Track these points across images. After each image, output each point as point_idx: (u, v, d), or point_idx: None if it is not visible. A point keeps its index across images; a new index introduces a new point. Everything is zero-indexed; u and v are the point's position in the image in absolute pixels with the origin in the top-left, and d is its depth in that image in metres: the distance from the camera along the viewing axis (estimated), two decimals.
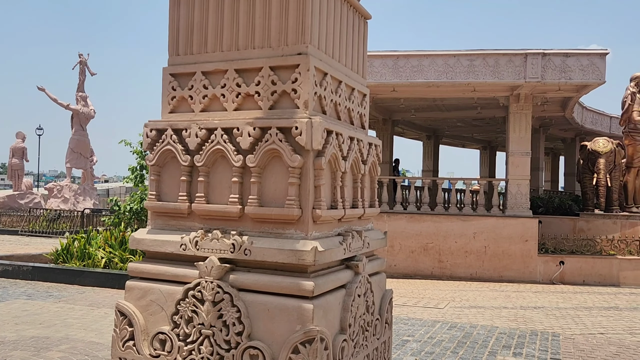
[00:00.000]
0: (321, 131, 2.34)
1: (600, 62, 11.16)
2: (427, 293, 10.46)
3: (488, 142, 25.97)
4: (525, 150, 12.67)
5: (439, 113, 17.61)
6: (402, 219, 13.13)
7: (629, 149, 14.50)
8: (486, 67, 11.68)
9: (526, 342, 6.68)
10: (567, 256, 12.20)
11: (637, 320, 8.14)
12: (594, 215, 13.93)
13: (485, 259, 12.52)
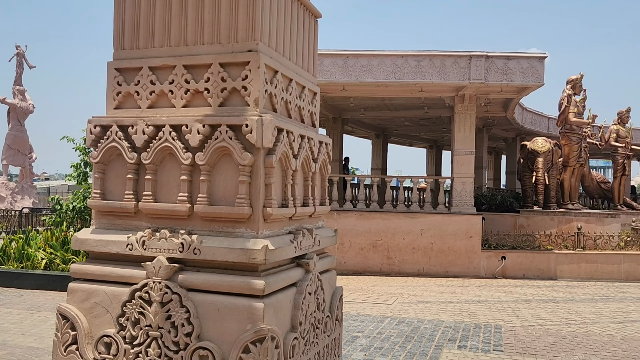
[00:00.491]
0: (272, 129, 2.33)
1: (539, 65, 11.67)
2: (376, 289, 10.62)
3: (434, 141, 26.65)
4: (470, 149, 13.09)
5: (387, 112, 17.92)
6: (352, 217, 13.28)
7: (565, 148, 15.24)
8: (433, 68, 11.98)
9: (470, 335, 6.91)
10: (509, 251, 12.70)
11: (572, 311, 8.58)
12: (533, 211, 14.56)
13: (432, 255, 12.84)
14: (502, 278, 12.40)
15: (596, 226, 13.61)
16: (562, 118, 14.83)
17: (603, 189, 21.49)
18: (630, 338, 6.90)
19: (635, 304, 9.27)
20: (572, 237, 12.89)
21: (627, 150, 20.42)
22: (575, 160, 15.28)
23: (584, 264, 12.36)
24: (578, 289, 10.92)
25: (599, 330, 7.31)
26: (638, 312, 8.55)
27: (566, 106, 14.58)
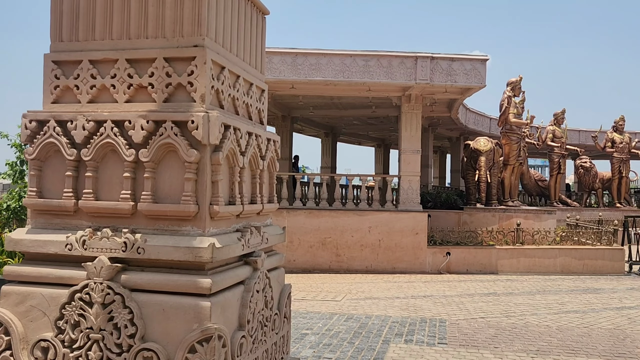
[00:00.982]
0: (218, 125, 2.30)
1: (481, 67, 12.07)
2: (325, 286, 10.69)
3: (382, 140, 27.07)
4: (416, 148, 13.37)
5: (336, 111, 18.04)
6: (301, 215, 13.29)
7: (506, 148, 15.85)
8: (380, 68, 12.16)
9: (416, 329, 7.07)
10: (453, 247, 13.07)
11: (512, 304, 8.94)
12: (476, 208, 15.06)
13: (380, 251, 13.04)
14: (447, 273, 12.75)
15: (534, 222, 14.24)
16: (502, 119, 15.41)
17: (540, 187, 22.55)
18: (564, 328, 7.26)
19: (569, 296, 9.77)
20: (512, 233, 13.42)
21: (563, 150, 21.52)
22: (515, 159, 15.92)
23: (522, 259, 12.89)
24: (517, 283, 11.38)
25: (536, 321, 7.65)
26: (572, 304, 9.02)
27: (506, 107, 15.16)
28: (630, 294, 10.01)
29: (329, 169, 22.94)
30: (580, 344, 6.43)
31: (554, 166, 21.59)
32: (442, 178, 30.43)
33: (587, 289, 10.54)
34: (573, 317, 7.93)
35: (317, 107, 17.43)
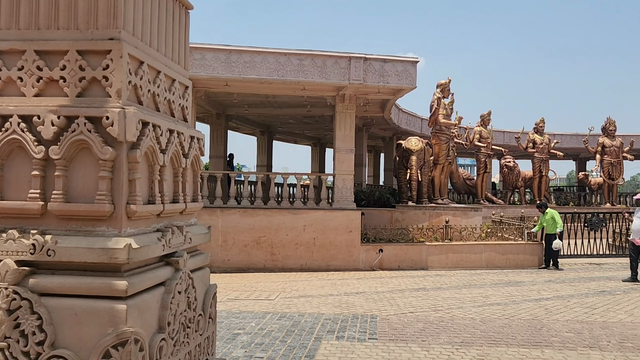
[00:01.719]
0: (135, 122, 2.22)
1: (412, 68, 12.42)
2: (260, 286, 10.63)
3: (318, 139, 27.25)
4: (350, 147, 13.56)
5: (271, 109, 17.97)
6: (236, 214, 13.14)
7: (436, 147, 16.40)
8: (315, 67, 12.22)
9: (348, 326, 7.17)
10: (385, 244, 13.37)
11: (440, 298, 9.26)
12: (407, 206, 15.48)
13: (315, 249, 13.13)
14: (380, 270, 13.03)
15: (462, 219, 14.82)
16: (432, 119, 15.92)
17: (468, 185, 23.50)
18: (487, 319, 7.61)
19: (492, 289, 10.25)
20: (441, 230, 13.91)
21: (489, 150, 22.55)
22: (445, 158, 16.49)
23: (451, 254, 13.39)
24: (446, 278, 11.81)
25: (462, 314, 7.97)
26: (495, 296, 9.47)
27: (436, 108, 15.68)
28: (548, 286, 10.64)
29: (265, 168, 22.83)
30: (502, 334, 6.76)
31: (480, 165, 22.58)
32: (376, 177, 31.05)
33: (509, 282, 11.10)
34: (496, 309, 8.33)
35: (252, 105, 17.28)
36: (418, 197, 16.00)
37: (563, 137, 27.58)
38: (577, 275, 12.28)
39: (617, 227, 16.53)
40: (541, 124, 23.83)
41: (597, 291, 10.05)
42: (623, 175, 24.64)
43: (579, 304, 8.81)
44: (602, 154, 23.60)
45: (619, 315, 7.95)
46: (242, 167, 69.85)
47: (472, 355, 5.85)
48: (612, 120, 23.80)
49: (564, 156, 28.31)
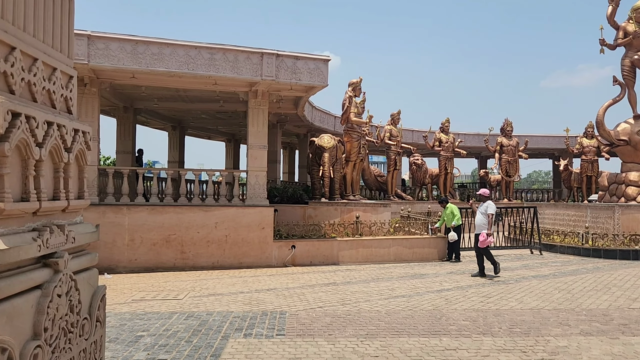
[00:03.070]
0: (4, 112, 2.05)
1: (324, 67, 12.56)
2: (168, 285, 10.30)
3: (233, 135, 26.87)
4: (263, 143, 13.49)
5: (183, 104, 17.46)
6: (144, 211, 12.64)
7: (348, 145, 16.74)
8: (226, 62, 12.01)
9: (257, 323, 7.14)
10: (298, 240, 13.46)
11: (348, 292, 9.47)
12: (320, 203, 15.68)
13: (227, 247, 12.94)
14: (292, 266, 13.09)
15: (372, 215, 15.26)
16: (344, 117, 16.23)
17: (379, 182, 24.25)
18: (392, 311, 7.89)
19: (399, 282, 10.65)
20: (352, 226, 14.23)
21: (398, 148, 23.41)
22: (356, 155, 16.88)
23: (361, 249, 13.75)
24: (355, 272, 12.10)
25: (368, 307, 8.20)
26: (401, 289, 9.84)
27: (348, 106, 16.00)
28: (449, 278, 11.23)
29: (177, 164, 22.16)
30: (404, 325, 7.04)
31: (391, 163, 23.39)
32: (291, 173, 31.17)
33: (414, 275, 11.58)
34: (400, 301, 8.65)
35: (162, 99, 16.69)
36: (330, 193, 16.26)
37: (466, 136, 29.24)
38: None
39: (512, 221, 17.79)
40: (447, 123, 25.10)
41: (493, 281, 10.75)
42: (519, 173, 26.56)
43: (476, 293, 9.37)
44: (501, 153, 25.29)
45: (511, 303, 8.56)
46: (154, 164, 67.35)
47: (376, 346, 6.04)
48: (510, 122, 25.55)
49: (467, 154, 30.07)
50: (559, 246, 15.79)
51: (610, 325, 7.03)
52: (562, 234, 16.33)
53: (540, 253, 15.50)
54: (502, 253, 15.69)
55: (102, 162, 35.36)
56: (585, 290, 9.60)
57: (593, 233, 15.13)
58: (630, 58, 17.10)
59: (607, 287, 9.93)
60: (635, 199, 16.47)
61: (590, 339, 6.36)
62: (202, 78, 12.31)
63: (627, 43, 16.96)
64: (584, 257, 14.66)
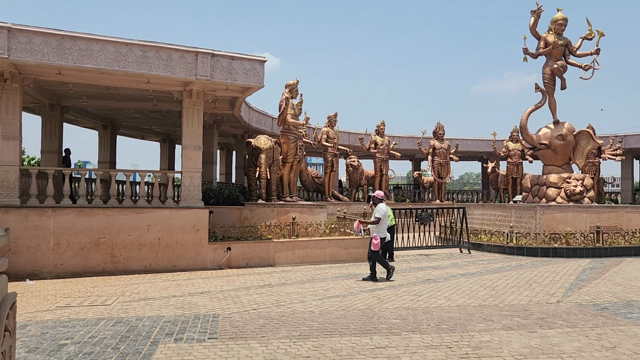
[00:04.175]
0: None
1: (260, 67, 12.52)
2: (96, 291, 9.93)
3: (168, 135, 26.23)
4: (198, 144, 13.26)
5: (114, 102, 16.85)
6: (71, 214, 12.10)
7: (285, 146, 16.77)
8: (159, 60, 11.72)
9: (189, 327, 7.03)
10: (234, 242, 13.34)
11: (283, 294, 9.50)
12: (256, 204, 15.60)
13: (160, 250, 12.63)
14: (228, 268, 12.96)
15: (308, 216, 15.36)
16: (281, 118, 16.25)
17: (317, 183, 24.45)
18: (326, 312, 8.00)
19: (334, 282, 10.79)
20: (288, 227, 14.28)
21: (335, 150, 23.70)
22: (293, 157, 16.94)
23: (297, 250, 13.81)
24: (291, 273, 12.15)
25: (302, 308, 8.27)
26: (335, 289, 9.98)
27: (284, 108, 16.03)
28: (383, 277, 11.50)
29: (108, 164, 21.36)
30: (337, 325, 7.15)
31: (327, 164, 23.65)
32: (228, 175, 30.82)
33: (349, 275, 11.77)
34: (334, 302, 8.78)
35: (91, 96, 16.04)
36: (267, 194, 16.22)
37: (401, 139, 30.05)
38: (408, 265, 13.47)
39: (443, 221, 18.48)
40: (382, 126, 25.69)
41: (424, 280, 11.13)
42: (450, 175, 27.59)
43: (407, 292, 9.67)
44: (433, 155, 26.17)
45: (439, 300, 8.89)
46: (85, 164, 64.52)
47: (308, 347, 6.11)
48: (441, 125, 26.51)
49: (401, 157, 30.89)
50: (486, 245, 16.56)
51: (530, 320, 7.46)
52: (489, 233, 17.13)
53: (469, 252, 16.18)
54: (433, 252, 16.26)
55: (27, 162, 33.44)
56: (508, 287, 10.13)
57: (517, 232, 15.97)
58: (551, 67, 18.20)
59: (529, 284, 10.52)
60: (555, 199, 17.55)
61: (511, 333, 6.72)
62: (134, 76, 11.94)
63: (547, 53, 18.05)
64: (508, 255, 15.45)
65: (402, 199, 27.56)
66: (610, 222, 16.58)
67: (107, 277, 11.77)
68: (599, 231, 15.45)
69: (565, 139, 18.12)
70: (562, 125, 18.44)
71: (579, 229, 15.89)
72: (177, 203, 13.44)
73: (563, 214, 16.31)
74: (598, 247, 15.20)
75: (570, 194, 17.37)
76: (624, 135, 30.60)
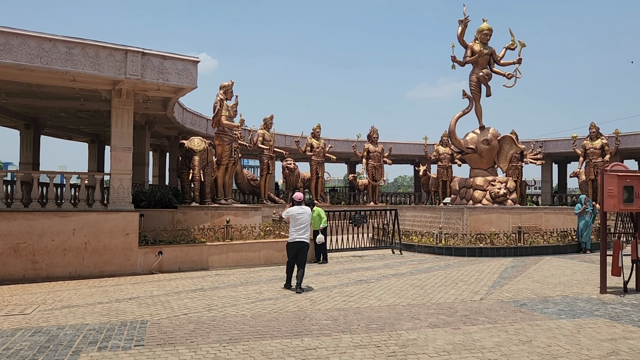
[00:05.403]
0: None
1: (193, 68, 12.29)
2: (15, 299, 9.38)
3: (97, 136, 25.21)
4: (128, 145, 12.84)
5: (37, 100, 15.98)
6: None
7: (219, 148, 16.56)
8: (86, 57, 11.25)
9: (114, 335, 6.79)
10: (166, 246, 13.02)
11: (215, 297, 9.38)
12: (190, 207, 15.29)
13: (86, 255, 12.12)
14: (159, 273, 12.63)
15: (243, 219, 15.24)
16: (215, 120, 16.04)
17: (253, 186, 24.33)
18: (258, 315, 7.98)
19: (267, 285, 10.78)
20: (222, 230, 14.10)
21: (271, 152, 23.67)
22: (228, 159, 16.76)
23: (231, 253, 13.67)
24: (225, 277, 12.01)
25: (234, 311, 8.21)
26: (268, 292, 9.97)
27: (219, 109, 15.84)
28: (316, 279, 11.62)
29: (31, 165, 20.24)
30: (269, 327, 7.16)
31: (263, 167, 23.59)
32: (161, 177, 30.02)
33: (283, 278, 11.73)
34: (267, 304, 8.78)
35: (11, 94, 15.16)
36: (201, 197, 15.96)
37: (336, 142, 30.46)
38: (342, 267, 13.68)
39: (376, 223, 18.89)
40: (318, 129, 25.93)
41: (356, 280, 11.33)
42: (384, 177, 28.25)
43: (340, 293, 9.82)
44: (368, 159, 26.69)
45: (370, 301, 9.09)
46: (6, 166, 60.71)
47: (238, 350, 6.08)
48: (375, 129, 27.10)
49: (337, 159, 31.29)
50: (417, 246, 17.09)
51: (455, 317, 7.79)
52: (419, 234, 17.69)
53: (401, 252, 16.64)
54: (366, 253, 16.59)
55: None
56: (436, 286, 10.51)
57: (446, 233, 16.60)
58: (477, 74, 19.09)
59: (455, 282, 10.97)
60: (481, 201, 18.40)
61: (436, 331, 6.99)
62: (58, 74, 11.40)
63: (473, 61, 18.92)
64: (438, 255, 16.02)
65: (337, 201, 27.90)
66: (531, 222, 17.57)
67: (28, 284, 11.16)
68: (520, 231, 16.34)
69: (490, 143, 19.04)
70: (487, 131, 19.36)
71: (503, 230, 16.73)
72: (106, 206, 12.96)
73: (488, 215, 17.12)
74: (520, 247, 16.07)
75: (494, 196, 18.27)
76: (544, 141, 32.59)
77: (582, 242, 16.92)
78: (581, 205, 17.21)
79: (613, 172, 9.75)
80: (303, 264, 10.13)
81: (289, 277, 10.29)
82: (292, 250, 10.12)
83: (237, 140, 17.78)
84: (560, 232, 17.09)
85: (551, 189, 36.09)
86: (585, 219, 16.98)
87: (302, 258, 10.11)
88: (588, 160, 24.39)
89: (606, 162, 22.96)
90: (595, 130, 24.36)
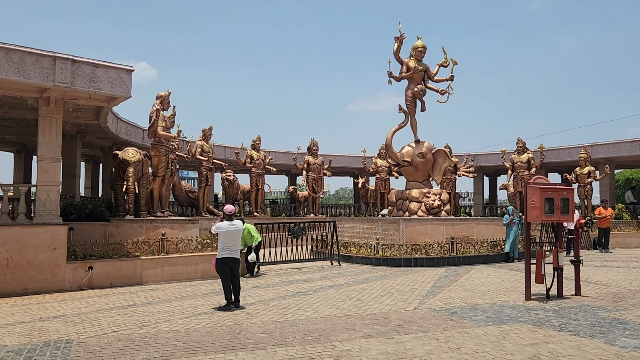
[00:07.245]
0: None
1: (127, 77, 11.96)
2: None
3: (23, 145, 23.95)
4: (56, 155, 12.28)
5: None
6: None
7: (155, 159, 16.15)
8: (10, 63, 10.70)
9: (35, 356, 6.44)
10: (97, 261, 12.51)
11: (148, 313, 9.09)
12: (123, 220, 14.78)
13: (8, 272, 11.44)
14: (89, 289, 12.11)
15: (179, 232, 14.89)
16: (151, 131, 15.65)
17: (191, 198, 23.86)
18: (192, 330, 7.80)
19: (203, 299, 10.57)
20: (158, 243, 13.72)
21: (210, 164, 23.35)
22: (164, 170, 16.36)
23: (167, 267, 13.32)
24: (159, 292, 11.67)
25: (167, 327, 7.98)
26: (204, 306, 9.78)
27: (155, 120, 15.47)
28: (253, 292, 11.50)
29: None
30: (202, 343, 7.01)
31: (202, 178, 23.22)
32: (94, 189, 28.85)
33: (219, 292, 11.47)
34: (202, 319, 8.60)
35: None
36: (136, 210, 15.47)
37: (277, 154, 30.44)
38: (281, 279, 13.63)
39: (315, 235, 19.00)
40: (258, 141, 25.85)
41: (294, 293, 11.32)
42: (324, 189, 28.49)
43: (277, 306, 9.78)
44: (308, 171, 26.85)
45: (307, 312, 9.11)
46: None
47: None
48: (315, 141, 27.34)
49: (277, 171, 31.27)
50: (355, 257, 17.32)
51: (389, 327, 7.94)
52: (357, 245, 17.93)
53: (339, 264, 16.80)
54: (305, 265, 16.63)
55: None
56: (372, 297, 10.68)
57: (383, 244, 16.92)
58: (412, 90, 19.71)
59: (391, 292, 11.19)
60: (417, 213, 18.92)
61: (370, 341, 7.09)
62: None
63: (409, 77, 19.54)
64: (375, 266, 16.29)
65: (278, 213, 27.85)
66: (464, 233, 18.23)
67: None
68: (453, 242, 16.92)
69: (425, 157, 19.67)
70: (422, 144, 19.99)
71: (437, 240, 17.26)
72: (31, 220, 12.31)
73: (423, 226, 17.62)
74: (453, 257, 16.64)
75: (429, 208, 18.85)
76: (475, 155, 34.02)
77: (510, 252, 17.74)
78: (509, 217, 18.08)
79: (536, 185, 10.32)
80: (238, 277, 9.85)
81: (229, 296, 9.55)
82: (225, 267, 9.64)
83: (175, 152, 17.41)
84: (490, 242, 17.85)
85: (483, 201, 37.65)
86: (513, 229, 17.84)
87: (235, 273, 9.76)
88: (516, 174, 25.64)
89: (532, 175, 24.23)
90: (522, 145, 25.68)
